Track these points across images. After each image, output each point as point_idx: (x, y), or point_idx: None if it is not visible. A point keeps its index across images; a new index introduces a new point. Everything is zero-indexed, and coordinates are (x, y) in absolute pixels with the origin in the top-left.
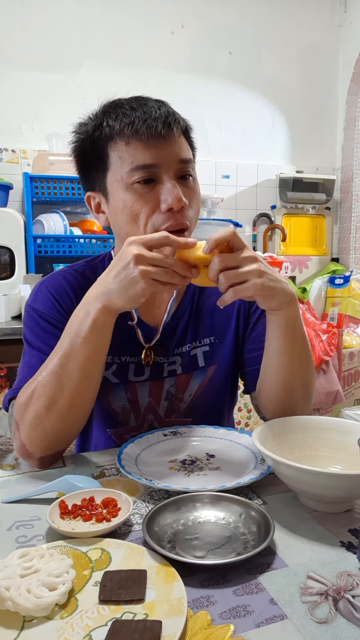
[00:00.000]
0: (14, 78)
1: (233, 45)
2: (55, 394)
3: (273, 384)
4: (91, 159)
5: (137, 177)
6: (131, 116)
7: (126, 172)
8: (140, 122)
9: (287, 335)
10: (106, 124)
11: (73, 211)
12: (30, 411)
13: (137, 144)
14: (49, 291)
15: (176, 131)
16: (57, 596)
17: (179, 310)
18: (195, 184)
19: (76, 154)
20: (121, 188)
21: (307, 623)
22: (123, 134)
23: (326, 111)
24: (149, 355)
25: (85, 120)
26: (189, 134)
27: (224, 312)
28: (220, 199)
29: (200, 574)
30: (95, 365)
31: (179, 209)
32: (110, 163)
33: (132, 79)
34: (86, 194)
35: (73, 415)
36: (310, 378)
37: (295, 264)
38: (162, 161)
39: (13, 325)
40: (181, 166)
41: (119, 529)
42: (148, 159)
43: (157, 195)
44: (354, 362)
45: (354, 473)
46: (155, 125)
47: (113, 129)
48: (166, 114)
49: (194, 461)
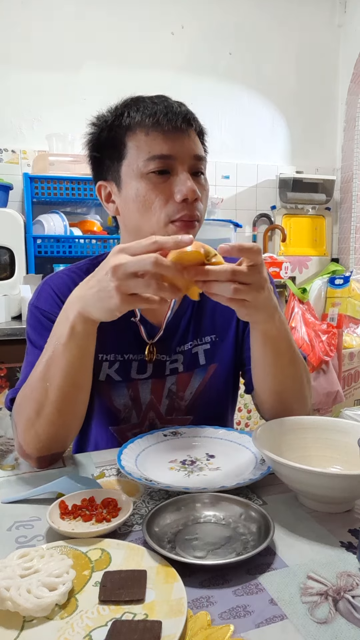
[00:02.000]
0: (14, 78)
1: (233, 45)
2: (42, 398)
3: (264, 390)
4: (107, 147)
5: (152, 167)
6: (153, 109)
7: (142, 161)
8: (162, 114)
9: (267, 347)
10: (127, 114)
11: (73, 211)
12: (22, 414)
13: (157, 134)
14: (53, 290)
15: (194, 129)
16: (57, 596)
17: (181, 308)
18: (206, 183)
19: (91, 144)
20: (135, 177)
21: (307, 623)
22: (144, 124)
23: (326, 111)
24: (152, 352)
25: (104, 113)
26: (203, 137)
27: (225, 311)
28: (220, 199)
29: (200, 574)
30: (79, 372)
31: (192, 201)
32: (127, 152)
33: (132, 79)
34: (97, 184)
35: (63, 420)
36: (302, 384)
37: (295, 264)
38: (179, 154)
39: (13, 325)
40: (195, 162)
41: (119, 529)
42: (165, 150)
43: (171, 186)
44: (353, 363)
45: (354, 473)
46: (176, 119)
47: (134, 119)
48: (186, 112)
49: (194, 461)
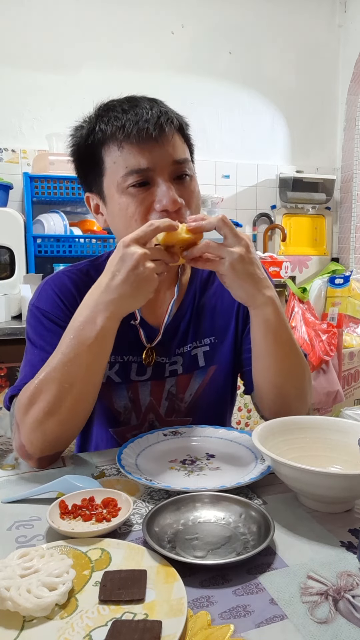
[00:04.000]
0: (14, 78)
1: (233, 45)
2: (56, 399)
3: (264, 386)
4: (87, 163)
5: (131, 181)
6: (122, 119)
7: (121, 176)
8: (132, 124)
9: (268, 337)
10: (98, 128)
11: (73, 211)
12: (30, 414)
13: (130, 147)
14: (53, 290)
15: (169, 131)
16: (57, 596)
17: (180, 310)
18: (192, 183)
19: (74, 158)
20: (117, 192)
21: (307, 623)
22: (115, 138)
23: (326, 111)
24: (150, 356)
25: (80, 123)
26: (184, 131)
27: (225, 313)
28: (220, 199)
29: (200, 574)
30: (97, 372)
31: (176, 210)
32: (106, 167)
33: (132, 78)
34: (85, 194)
35: (73, 419)
36: (302, 380)
37: (295, 264)
38: (156, 164)
39: (13, 325)
40: (176, 167)
41: (119, 529)
42: (142, 163)
43: (153, 196)
44: (354, 362)
45: (354, 473)
46: (147, 128)
47: (105, 134)
48: (158, 114)
49: (194, 461)
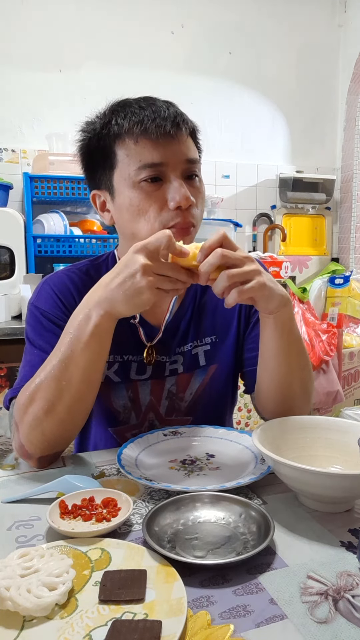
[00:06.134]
0: (14, 78)
1: (233, 45)
2: (54, 398)
3: (271, 385)
4: (98, 156)
5: (144, 176)
6: (140, 115)
7: (134, 170)
8: (150, 120)
9: (283, 337)
10: (115, 122)
11: (73, 211)
12: (29, 413)
13: (146, 142)
14: (52, 290)
15: (184, 131)
16: (57, 596)
17: (181, 309)
18: (201, 184)
19: (82, 152)
20: (128, 186)
21: (307, 623)
22: (132, 132)
23: (326, 111)
24: (151, 354)
25: (92, 119)
26: (195, 135)
27: (226, 312)
28: (220, 199)
29: (200, 574)
30: (95, 370)
31: (187, 207)
32: (118, 161)
33: (132, 78)
34: (91, 193)
35: (72, 418)
36: (308, 378)
37: (295, 264)
38: (170, 160)
39: (13, 325)
40: (188, 166)
41: (119, 529)
42: (156, 158)
43: (164, 193)
44: (354, 362)
45: (354, 473)
46: (164, 125)
47: (122, 127)
48: (175, 114)
49: (194, 461)
